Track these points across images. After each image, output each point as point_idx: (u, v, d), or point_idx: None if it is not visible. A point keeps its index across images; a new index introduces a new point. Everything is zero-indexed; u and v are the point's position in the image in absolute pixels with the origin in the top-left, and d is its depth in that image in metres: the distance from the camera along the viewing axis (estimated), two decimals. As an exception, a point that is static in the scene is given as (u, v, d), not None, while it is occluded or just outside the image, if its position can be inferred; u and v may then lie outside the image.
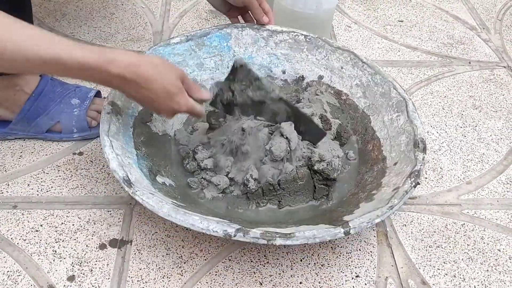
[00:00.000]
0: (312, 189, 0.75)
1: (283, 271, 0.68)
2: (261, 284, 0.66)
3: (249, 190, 0.72)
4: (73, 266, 0.66)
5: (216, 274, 0.67)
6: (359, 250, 0.72)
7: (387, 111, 0.81)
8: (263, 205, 0.73)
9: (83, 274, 0.65)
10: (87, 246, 0.69)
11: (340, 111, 0.87)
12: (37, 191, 0.75)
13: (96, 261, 0.67)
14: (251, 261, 0.69)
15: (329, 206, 0.74)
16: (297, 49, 0.91)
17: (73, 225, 0.71)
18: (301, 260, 0.70)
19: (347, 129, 0.84)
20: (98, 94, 0.86)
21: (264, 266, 0.69)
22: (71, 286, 0.64)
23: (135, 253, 0.69)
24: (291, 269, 0.69)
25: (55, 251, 0.68)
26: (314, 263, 0.70)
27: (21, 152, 0.81)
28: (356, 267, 0.69)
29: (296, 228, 0.63)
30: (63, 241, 0.69)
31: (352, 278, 0.68)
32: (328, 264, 0.70)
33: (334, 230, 0.60)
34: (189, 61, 0.86)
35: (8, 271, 0.65)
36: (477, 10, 1.29)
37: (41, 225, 0.71)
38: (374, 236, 0.74)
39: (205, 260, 0.69)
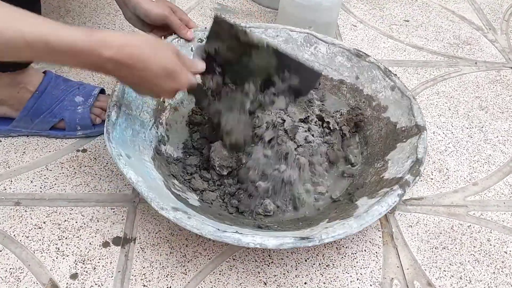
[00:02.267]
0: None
1: (287, 271, 0.68)
2: (265, 284, 0.66)
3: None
4: (76, 263, 0.66)
5: (220, 274, 0.66)
6: (364, 250, 0.71)
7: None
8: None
9: (86, 272, 0.65)
10: (90, 243, 0.68)
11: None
12: (40, 188, 0.75)
13: (99, 259, 0.67)
14: (256, 261, 0.68)
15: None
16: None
17: (76, 222, 0.71)
18: (305, 260, 0.69)
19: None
20: (102, 91, 0.86)
21: (268, 266, 0.68)
22: (74, 284, 0.64)
23: (138, 252, 0.68)
24: (296, 269, 0.68)
25: (58, 249, 0.67)
26: (319, 264, 0.69)
27: (24, 149, 0.80)
28: (361, 268, 0.69)
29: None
30: (66, 238, 0.69)
31: (357, 279, 0.67)
32: (333, 264, 0.69)
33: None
34: None
35: (10, 268, 0.64)
36: (483, 10, 1.28)
37: (44, 222, 0.70)
38: (380, 237, 0.73)
39: (209, 259, 0.68)
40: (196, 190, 0.73)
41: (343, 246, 0.71)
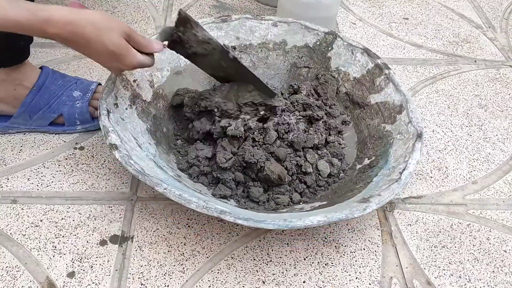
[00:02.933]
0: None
1: (286, 270, 0.67)
2: (263, 282, 0.65)
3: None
4: (73, 262, 0.65)
5: (218, 272, 0.66)
6: (363, 249, 0.71)
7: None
8: None
9: (83, 270, 0.64)
10: (87, 242, 0.68)
11: None
12: (37, 185, 0.74)
13: (97, 257, 0.66)
14: (254, 259, 0.68)
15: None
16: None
17: (73, 220, 0.70)
18: (304, 259, 0.69)
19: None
20: (99, 85, 0.85)
21: (267, 264, 0.68)
22: (71, 282, 0.63)
23: (136, 250, 0.67)
24: (295, 267, 0.68)
25: (55, 247, 0.67)
26: (318, 262, 0.68)
27: (21, 146, 0.80)
28: (360, 267, 0.68)
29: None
30: (63, 236, 0.68)
31: (356, 278, 0.67)
32: (332, 263, 0.69)
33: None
34: None
35: (7, 267, 0.64)
36: (483, 8, 1.28)
37: (41, 220, 0.70)
38: (379, 236, 0.73)
39: (207, 257, 0.68)
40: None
41: (342, 245, 0.71)
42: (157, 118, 0.79)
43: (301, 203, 0.73)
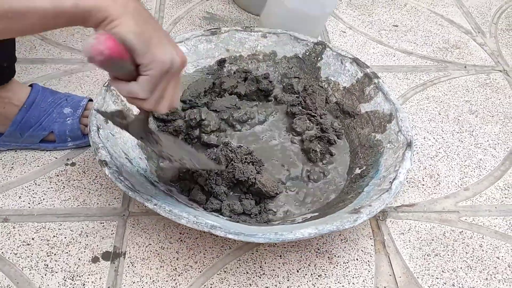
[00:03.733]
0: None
1: (279, 283, 0.67)
2: (257, 296, 0.65)
3: None
4: (65, 280, 0.65)
5: (211, 287, 0.66)
6: (356, 259, 0.71)
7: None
8: None
9: (76, 288, 0.64)
10: (79, 259, 0.68)
11: None
12: (29, 203, 0.74)
13: (89, 274, 0.66)
14: (247, 273, 0.68)
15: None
16: None
17: (65, 238, 0.70)
18: (297, 271, 0.69)
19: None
20: (90, 101, 0.85)
21: (260, 277, 0.67)
22: (63, 301, 0.63)
23: (128, 266, 0.67)
24: (288, 280, 0.67)
25: (47, 265, 0.66)
26: (311, 274, 0.68)
27: (13, 164, 0.79)
28: (353, 277, 0.68)
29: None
30: (55, 254, 0.68)
31: (350, 289, 0.67)
32: (325, 274, 0.68)
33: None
34: None
35: (-2, 287, 0.64)
36: (472, 14, 1.29)
37: (33, 239, 0.70)
38: (372, 245, 0.73)
39: (200, 272, 0.67)
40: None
41: (335, 256, 0.71)
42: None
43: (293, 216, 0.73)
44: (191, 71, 0.89)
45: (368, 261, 0.71)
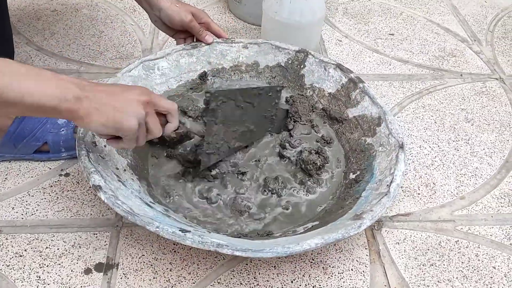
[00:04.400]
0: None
1: (273, 294, 0.67)
2: (250, 307, 0.65)
3: None
4: (57, 292, 0.65)
5: (204, 298, 0.65)
6: (351, 270, 0.70)
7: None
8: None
9: (68, 300, 0.64)
10: (72, 271, 0.67)
11: None
12: (22, 214, 0.74)
13: (81, 286, 0.65)
14: (241, 284, 0.67)
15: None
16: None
17: (58, 249, 0.70)
18: (292, 282, 0.68)
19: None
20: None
21: (253, 288, 0.67)
22: (54, 313, 0.62)
23: (121, 278, 0.67)
24: (282, 291, 0.67)
25: (39, 277, 0.66)
26: (306, 285, 0.68)
27: (6, 175, 0.79)
28: (348, 288, 0.68)
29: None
30: (47, 266, 0.67)
31: (344, 300, 0.66)
32: (320, 285, 0.68)
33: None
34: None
35: (-10, 299, 0.63)
36: (468, 22, 1.29)
37: (25, 250, 0.69)
38: (367, 255, 0.72)
39: (194, 283, 0.67)
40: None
41: (329, 266, 0.70)
42: (136, 152, 0.78)
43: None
44: (174, 86, 0.88)
45: (363, 271, 0.70)
